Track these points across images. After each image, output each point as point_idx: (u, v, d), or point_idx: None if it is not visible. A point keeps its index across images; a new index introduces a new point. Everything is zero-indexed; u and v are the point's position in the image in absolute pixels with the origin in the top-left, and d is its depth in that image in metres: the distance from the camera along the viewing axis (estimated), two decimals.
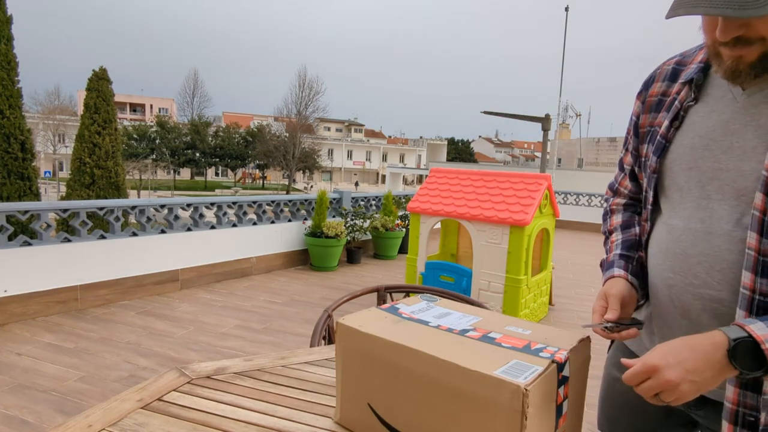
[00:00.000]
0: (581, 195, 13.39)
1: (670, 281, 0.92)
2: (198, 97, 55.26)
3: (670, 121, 0.94)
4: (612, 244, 1.09)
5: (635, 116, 1.05)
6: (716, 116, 0.87)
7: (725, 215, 0.84)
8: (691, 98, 0.92)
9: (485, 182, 4.80)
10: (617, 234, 1.10)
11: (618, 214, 1.14)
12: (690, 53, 0.99)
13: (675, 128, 0.94)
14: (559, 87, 18.59)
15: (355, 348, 0.93)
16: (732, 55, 0.78)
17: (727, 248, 0.83)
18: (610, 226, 1.14)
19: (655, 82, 1.02)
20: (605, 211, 1.18)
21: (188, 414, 1.02)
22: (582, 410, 0.92)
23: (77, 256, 4.53)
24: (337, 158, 53.95)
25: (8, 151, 7.41)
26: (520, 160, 74.14)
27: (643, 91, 1.04)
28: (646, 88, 1.04)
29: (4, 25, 7.46)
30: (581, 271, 7.59)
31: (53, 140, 37.30)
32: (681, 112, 0.93)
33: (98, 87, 9.91)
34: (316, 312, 4.77)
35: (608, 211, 1.17)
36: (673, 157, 0.93)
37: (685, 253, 0.89)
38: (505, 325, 0.96)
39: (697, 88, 0.92)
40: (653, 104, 1.00)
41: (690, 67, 0.95)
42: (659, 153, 0.95)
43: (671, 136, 0.94)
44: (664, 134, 0.95)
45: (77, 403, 2.86)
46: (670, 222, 0.94)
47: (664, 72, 1.01)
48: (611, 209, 1.17)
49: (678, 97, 0.94)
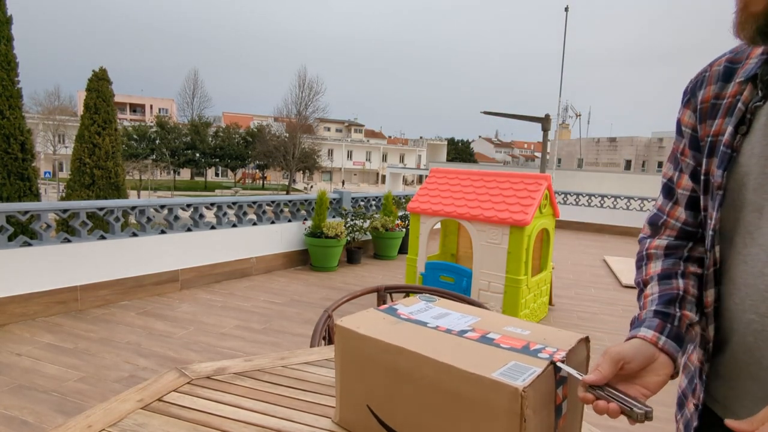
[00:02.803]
0: (581, 195, 13.39)
1: (755, 325, 0.75)
2: (198, 97, 55.38)
3: (734, 127, 0.79)
4: (646, 300, 0.89)
5: (690, 129, 0.88)
6: None
7: None
8: (759, 97, 0.77)
9: (485, 182, 4.81)
10: (653, 286, 0.90)
11: (657, 261, 0.93)
12: (742, 48, 0.83)
13: (742, 135, 0.78)
14: (559, 87, 18.61)
15: (354, 350, 0.93)
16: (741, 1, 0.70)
17: None
18: (645, 276, 0.93)
19: (708, 86, 0.86)
20: (639, 256, 0.98)
21: (188, 414, 1.02)
22: (582, 410, 0.92)
23: (77, 257, 4.53)
24: (337, 158, 53.97)
25: (8, 152, 7.41)
26: (519, 160, 74.15)
27: (692, 99, 0.88)
28: (694, 94, 0.88)
29: (4, 25, 7.46)
30: (581, 271, 7.59)
31: (53, 141, 37.34)
32: (747, 114, 0.78)
33: (98, 87, 9.92)
34: (316, 312, 4.77)
35: (644, 257, 0.96)
36: (744, 170, 0.77)
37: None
38: (503, 325, 0.96)
39: (765, 86, 0.77)
40: (708, 111, 0.85)
41: (748, 62, 0.80)
42: (724, 166, 0.79)
43: (738, 144, 0.78)
44: (729, 143, 0.79)
45: (77, 403, 2.86)
46: (748, 251, 0.77)
47: (715, 73, 0.86)
48: (648, 254, 0.95)
49: (741, 98, 0.80)
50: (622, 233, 12.38)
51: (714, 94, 0.85)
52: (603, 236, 12.10)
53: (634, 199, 12.68)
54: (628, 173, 33.22)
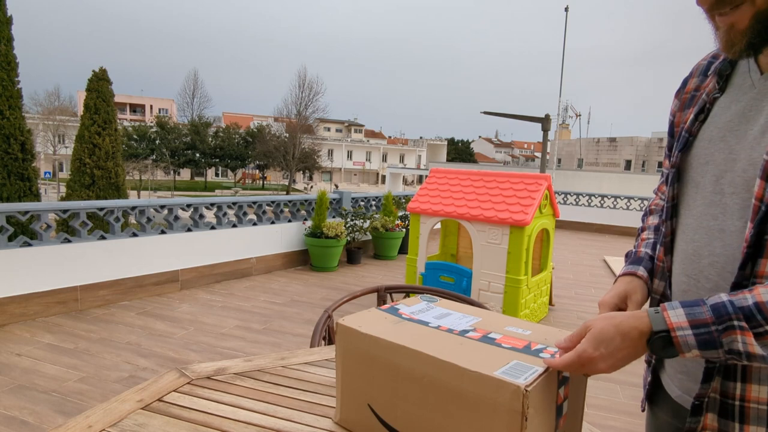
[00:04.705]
0: (581, 195, 13.39)
1: (684, 286, 0.87)
2: (198, 97, 55.50)
3: (695, 115, 0.90)
4: (642, 242, 1.06)
5: (672, 115, 1.00)
6: (735, 106, 0.82)
7: (737, 210, 0.77)
8: (717, 90, 0.87)
9: (485, 182, 4.80)
10: (649, 233, 1.07)
11: (655, 215, 1.10)
12: None
13: (700, 122, 0.89)
14: (559, 87, 18.61)
15: (355, 349, 0.93)
16: (725, 23, 0.73)
17: (740, 246, 0.75)
18: (645, 224, 1.11)
19: (691, 78, 0.96)
20: (645, 211, 1.15)
21: (188, 414, 1.02)
22: (582, 411, 0.92)
23: (77, 257, 4.53)
24: (337, 159, 53.96)
25: (8, 152, 7.41)
26: (519, 160, 74.14)
27: (680, 89, 0.99)
28: (683, 85, 0.98)
29: (4, 25, 7.46)
30: (581, 271, 7.58)
31: (53, 141, 37.34)
32: (707, 105, 0.88)
33: (98, 88, 9.92)
34: (316, 312, 4.76)
35: (647, 212, 1.14)
36: (694, 152, 0.89)
37: (698, 253, 0.83)
38: (505, 325, 0.96)
39: (721, 79, 0.87)
40: (687, 101, 0.95)
41: (721, 57, 0.89)
42: (682, 147, 0.91)
43: (695, 130, 0.89)
44: (689, 128, 0.90)
45: (77, 403, 2.85)
46: (685, 221, 0.89)
47: (700, 67, 0.96)
48: (650, 209, 1.13)
49: (706, 90, 0.90)
50: (622, 233, 12.38)
51: (695, 86, 0.95)
52: (603, 236, 12.10)
53: (634, 199, 12.67)
54: (628, 173, 33.24)
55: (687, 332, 0.69)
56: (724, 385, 0.77)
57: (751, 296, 0.67)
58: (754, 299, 0.67)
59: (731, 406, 0.76)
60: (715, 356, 0.69)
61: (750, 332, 0.66)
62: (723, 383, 0.77)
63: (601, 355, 0.73)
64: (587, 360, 0.74)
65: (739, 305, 0.67)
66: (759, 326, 0.66)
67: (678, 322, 0.70)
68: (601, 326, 0.75)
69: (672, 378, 0.91)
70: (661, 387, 0.96)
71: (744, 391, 0.75)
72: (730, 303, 0.68)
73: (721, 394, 0.77)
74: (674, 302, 0.74)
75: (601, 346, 0.74)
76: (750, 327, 0.66)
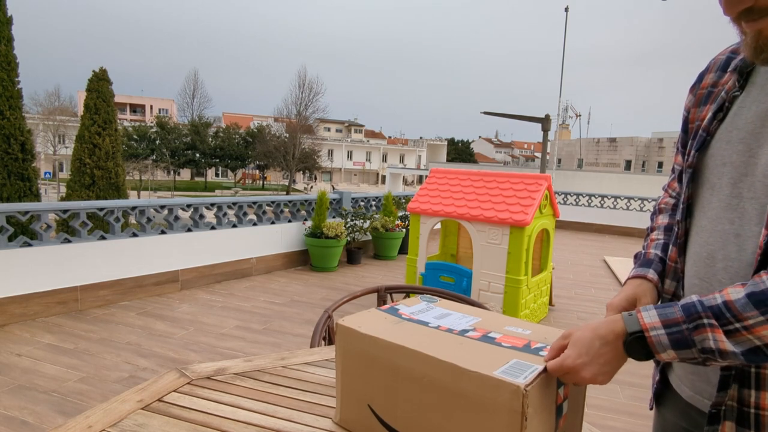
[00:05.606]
0: (581, 195, 13.39)
1: (696, 288, 0.85)
2: (198, 97, 55.49)
3: (713, 113, 0.86)
4: (651, 242, 1.03)
5: (686, 111, 0.97)
6: (756, 107, 0.78)
7: (756, 215, 0.75)
8: (737, 88, 0.83)
9: (485, 183, 4.81)
10: (659, 233, 1.04)
11: (665, 215, 1.07)
12: None
13: (718, 121, 0.85)
14: (559, 87, 18.61)
15: (355, 349, 0.93)
16: (752, 30, 0.70)
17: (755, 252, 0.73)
18: (654, 224, 1.08)
19: (708, 73, 0.93)
20: (654, 209, 1.13)
21: (188, 415, 1.02)
22: (582, 411, 0.92)
23: (77, 257, 4.53)
24: (337, 159, 53.96)
25: (8, 152, 7.41)
26: (520, 160, 74.13)
27: (696, 84, 0.95)
28: (699, 80, 0.94)
29: (4, 26, 7.46)
30: (581, 271, 7.58)
31: (53, 141, 37.33)
32: (726, 103, 0.84)
33: (98, 88, 9.93)
34: (316, 312, 4.76)
35: (656, 210, 1.11)
36: (711, 152, 0.85)
37: (712, 257, 0.81)
38: (504, 325, 0.96)
39: (742, 76, 0.83)
40: (703, 97, 0.91)
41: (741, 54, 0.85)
42: (699, 147, 0.87)
43: (713, 129, 0.85)
44: (706, 127, 0.86)
45: (77, 403, 2.85)
46: (699, 223, 0.87)
47: (718, 62, 0.91)
48: (659, 208, 1.10)
49: (725, 88, 0.86)
50: (622, 233, 12.38)
51: (712, 82, 0.91)
52: (603, 236, 12.09)
53: (634, 200, 12.67)
54: (628, 173, 33.24)
55: (660, 332, 0.71)
56: (741, 392, 0.76)
57: (720, 296, 0.69)
58: (723, 298, 0.68)
59: (747, 414, 0.76)
60: (691, 356, 0.70)
61: (720, 329, 0.67)
62: (739, 390, 0.76)
63: (584, 363, 0.75)
64: (570, 368, 0.75)
65: (708, 304, 0.69)
66: (729, 323, 0.67)
67: (651, 322, 0.72)
68: (580, 333, 0.77)
69: (683, 379, 0.91)
70: (669, 387, 0.95)
71: (759, 398, 0.74)
72: (700, 302, 0.70)
73: (738, 402, 0.76)
74: (649, 305, 0.75)
75: (582, 352, 0.75)
76: (720, 324, 0.67)
